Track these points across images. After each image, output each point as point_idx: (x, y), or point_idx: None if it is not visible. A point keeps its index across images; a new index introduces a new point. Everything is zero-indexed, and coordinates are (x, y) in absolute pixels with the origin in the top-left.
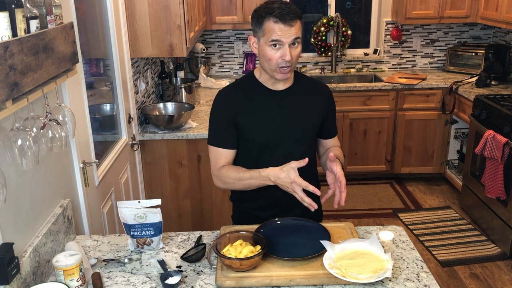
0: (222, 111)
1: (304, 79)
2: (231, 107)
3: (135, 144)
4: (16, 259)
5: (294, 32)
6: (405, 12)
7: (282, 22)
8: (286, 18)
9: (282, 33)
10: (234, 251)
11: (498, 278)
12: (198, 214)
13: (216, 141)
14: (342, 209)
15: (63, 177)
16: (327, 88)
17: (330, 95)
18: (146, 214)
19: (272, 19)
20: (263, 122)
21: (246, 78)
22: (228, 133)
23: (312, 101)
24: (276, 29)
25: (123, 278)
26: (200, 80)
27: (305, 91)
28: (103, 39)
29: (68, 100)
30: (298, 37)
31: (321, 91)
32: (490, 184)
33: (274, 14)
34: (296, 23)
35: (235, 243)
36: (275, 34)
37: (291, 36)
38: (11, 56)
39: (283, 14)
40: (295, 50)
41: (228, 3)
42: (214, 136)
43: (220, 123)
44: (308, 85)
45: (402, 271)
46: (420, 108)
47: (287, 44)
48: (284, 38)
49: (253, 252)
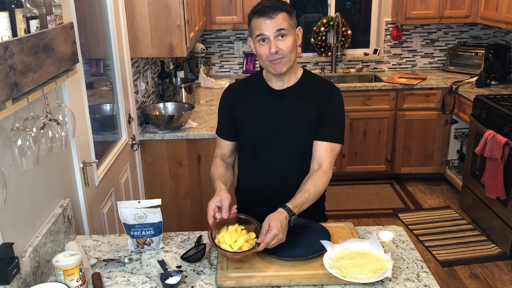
0: (223, 105)
1: (312, 80)
2: (231, 102)
3: (135, 144)
4: (16, 259)
5: (275, 24)
6: (405, 12)
7: (263, 16)
8: (266, 11)
9: (264, 26)
10: (229, 238)
11: (498, 278)
12: (198, 214)
13: (218, 131)
14: (342, 209)
15: (63, 177)
16: (333, 88)
17: (333, 96)
18: (146, 214)
19: (255, 16)
20: (258, 119)
21: (253, 75)
22: (227, 126)
23: (310, 102)
24: (259, 24)
25: (123, 278)
26: (200, 80)
27: (307, 92)
28: (103, 39)
29: (68, 100)
30: (282, 28)
31: (323, 90)
32: (490, 184)
33: (256, 11)
34: (277, 15)
35: (231, 228)
36: (258, 29)
37: (273, 28)
38: (11, 56)
39: (263, 9)
40: (283, 42)
41: (228, 3)
42: (218, 125)
43: (222, 115)
44: (314, 86)
45: (402, 271)
46: (420, 108)
47: (272, 36)
48: (266, 31)
49: (247, 241)
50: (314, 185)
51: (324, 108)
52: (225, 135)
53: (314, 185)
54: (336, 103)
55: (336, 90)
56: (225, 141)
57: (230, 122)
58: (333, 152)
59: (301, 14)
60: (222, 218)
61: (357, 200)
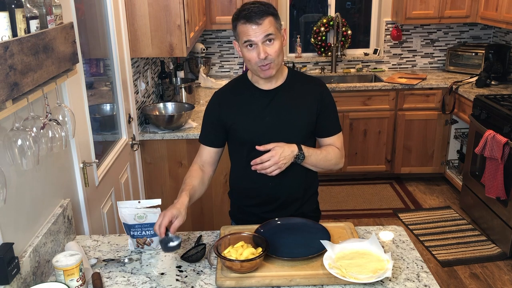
0: (210, 111)
1: (298, 77)
2: (220, 107)
3: (135, 144)
4: (16, 259)
5: (263, 29)
6: (405, 12)
7: (249, 23)
8: (253, 17)
9: (252, 32)
10: (235, 253)
11: (498, 278)
12: (198, 214)
13: (201, 138)
14: (342, 209)
15: (63, 177)
16: (321, 83)
17: (324, 91)
18: (146, 214)
19: (241, 21)
20: (251, 122)
21: (238, 78)
22: (213, 132)
23: (304, 98)
24: (246, 30)
25: (123, 278)
26: (200, 80)
27: (297, 89)
28: (103, 39)
29: (68, 100)
30: (269, 33)
31: (314, 87)
32: (490, 184)
33: (241, 16)
34: (264, 21)
35: (236, 244)
36: (246, 35)
37: (260, 34)
38: (11, 56)
39: (250, 15)
40: (271, 47)
41: (228, 3)
42: (201, 133)
43: (207, 123)
44: (301, 82)
45: (402, 271)
46: (420, 108)
47: (260, 42)
48: (254, 37)
49: (254, 254)
50: (326, 149)
51: (323, 103)
52: (210, 142)
53: (326, 149)
54: (330, 96)
55: (324, 83)
56: (209, 148)
57: (217, 128)
58: (339, 139)
59: (301, 14)
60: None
61: (357, 200)
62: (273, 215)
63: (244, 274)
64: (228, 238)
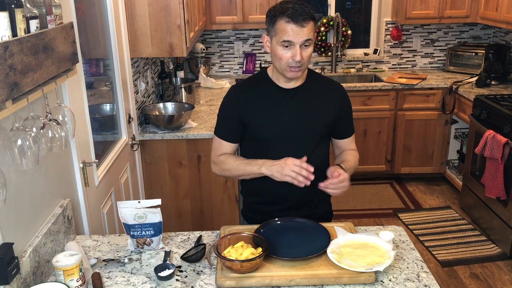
0: (229, 107)
1: (318, 78)
2: (239, 103)
3: (135, 144)
4: (16, 259)
5: (306, 33)
6: (405, 12)
7: (294, 23)
8: (298, 18)
9: (294, 33)
10: (235, 253)
11: (498, 278)
12: (198, 214)
13: (221, 133)
14: (342, 209)
15: (63, 177)
16: (340, 87)
17: (344, 94)
18: (146, 214)
19: (284, 19)
20: (270, 119)
21: (258, 75)
22: (232, 128)
23: (324, 99)
24: (288, 29)
25: (123, 278)
26: (200, 80)
27: (317, 90)
28: (103, 39)
29: (68, 100)
30: (309, 38)
31: (334, 90)
32: (490, 184)
33: (287, 14)
34: (308, 24)
35: (236, 244)
36: (287, 35)
37: (302, 37)
38: (11, 56)
39: (295, 15)
40: (306, 51)
41: (228, 3)
42: (219, 127)
43: (227, 117)
44: (320, 83)
45: (402, 271)
46: (420, 108)
47: (298, 44)
48: (295, 39)
49: (254, 254)
50: (351, 158)
51: (345, 109)
52: (229, 137)
53: (351, 158)
54: (349, 101)
55: (343, 87)
56: (227, 143)
57: (236, 124)
58: (353, 140)
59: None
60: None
61: (357, 200)
62: (286, 214)
63: (244, 274)
64: (228, 238)
